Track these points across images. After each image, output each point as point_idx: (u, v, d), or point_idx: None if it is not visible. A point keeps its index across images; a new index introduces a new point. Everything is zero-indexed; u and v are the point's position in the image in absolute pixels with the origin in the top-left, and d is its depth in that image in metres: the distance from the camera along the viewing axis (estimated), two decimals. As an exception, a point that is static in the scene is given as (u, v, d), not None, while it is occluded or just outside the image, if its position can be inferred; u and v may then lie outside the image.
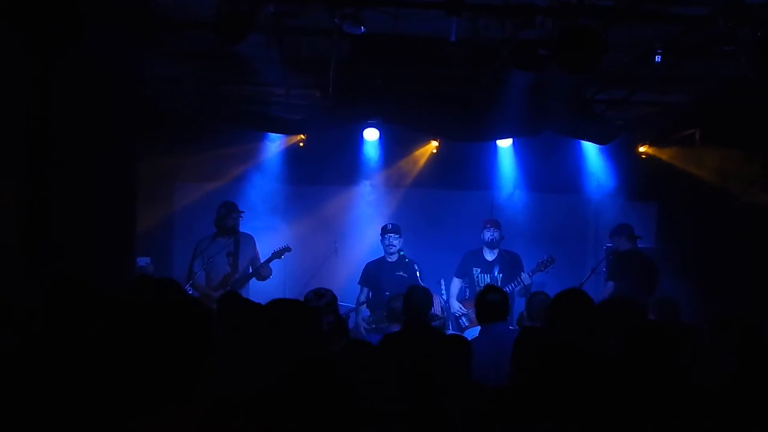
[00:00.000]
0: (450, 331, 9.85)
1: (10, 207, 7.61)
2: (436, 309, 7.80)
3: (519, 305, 9.31)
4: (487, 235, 10.06)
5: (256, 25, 7.30)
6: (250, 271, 9.74)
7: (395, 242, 9.69)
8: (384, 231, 9.82)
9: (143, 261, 10.01)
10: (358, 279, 9.79)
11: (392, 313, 7.25)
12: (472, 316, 9.51)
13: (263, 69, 8.87)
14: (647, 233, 10.92)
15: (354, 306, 9.43)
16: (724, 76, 8.61)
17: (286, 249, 9.78)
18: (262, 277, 9.72)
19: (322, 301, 6.10)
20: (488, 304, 6.38)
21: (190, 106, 9.77)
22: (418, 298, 6.88)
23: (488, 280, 9.84)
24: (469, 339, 7.15)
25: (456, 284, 10.13)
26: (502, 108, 9.44)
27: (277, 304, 4.45)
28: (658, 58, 8.08)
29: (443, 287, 10.09)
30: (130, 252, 8.91)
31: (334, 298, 6.21)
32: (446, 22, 7.24)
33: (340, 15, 7.08)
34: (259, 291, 9.57)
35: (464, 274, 10.15)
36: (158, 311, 2.75)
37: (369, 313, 9.20)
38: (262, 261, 9.74)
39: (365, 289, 9.60)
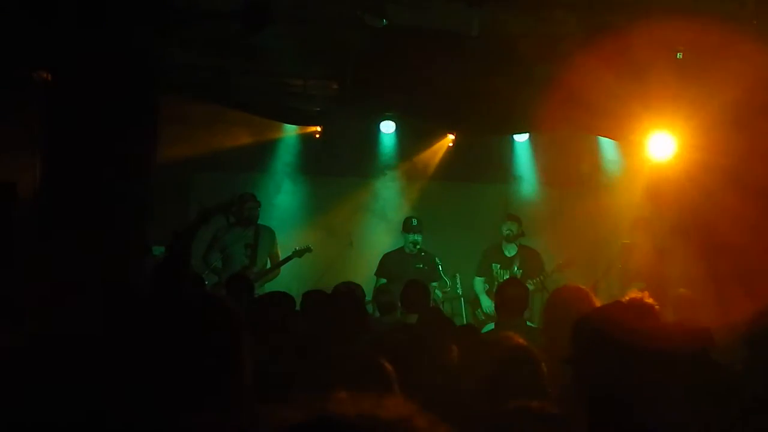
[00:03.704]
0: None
1: (27, 197, 7.63)
2: None
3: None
4: (504, 228, 10.03)
5: (276, 15, 7.29)
6: (269, 266, 9.72)
7: (419, 239, 9.68)
8: (410, 228, 9.75)
9: (158, 250, 10.00)
10: (375, 270, 9.78)
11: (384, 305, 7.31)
12: (492, 313, 9.49)
13: (281, 60, 8.83)
14: (663, 229, 10.85)
15: (370, 298, 9.40)
16: (746, 72, 8.54)
17: (307, 249, 9.76)
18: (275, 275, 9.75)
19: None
20: (509, 298, 6.28)
21: (208, 95, 9.74)
22: (417, 292, 6.91)
23: (508, 276, 9.80)
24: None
25: (479, 283, 10.09)
26: (520, 102, 9.38)
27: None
28: (679, 55, 8.05)
29: (458, 282, 10.08)
30: (145, 242, 8.89)
31: (363, 293, 6.22)
32: (468, 15, 7.21)
33: (362, 7, 7.06)
34: (272, 282, 9.58)
35: (485, 271, 10.10)
36: (183, 309, 2.72)
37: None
38: (281, 257, 9.74)
39: (382, 281, 9.57)
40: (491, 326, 7.85)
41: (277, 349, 4.91)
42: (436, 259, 9.51)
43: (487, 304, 9.86)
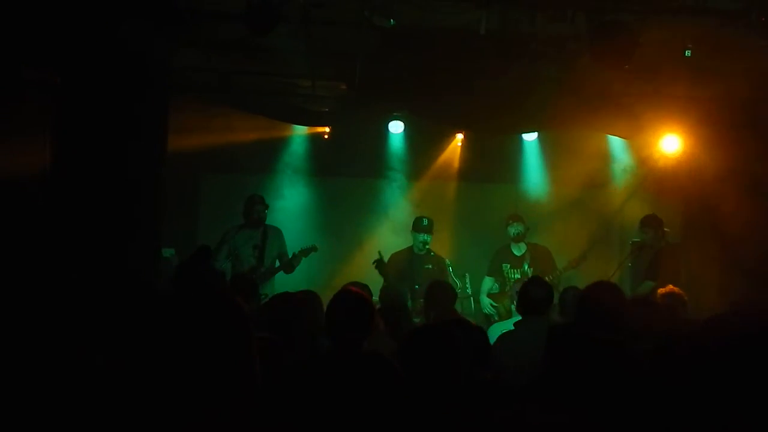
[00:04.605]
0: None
1: (36, 200, 7.65)
2: None
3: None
4: (512, 230, 10.07)
5: (284, 16, 7.30)
6: (277, 265, 9.76)
7: (429, 240, 9.74)
8: (420, 228, 9.80)
9: (168, 252, 10.03)
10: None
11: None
12: (501, 310, 9.53)
13: (290, 61, 8.84)
14: (673, 228, 10.84)
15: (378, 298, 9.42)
16: (758, 70, 8.52)
17: (313, 248, 9.84)
18: (290, 268, 9.78)
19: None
20: (532, 298, 6.25)
21: (216, 97, 9.76)
22: (442, 292, 6.90)
23: (519, 276, 9.83)
24: (501, 331, 7.18)
25: (487, 282, 10.13)
26: (529, 101, 9.39)
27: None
28: (688, 53, 8.02)
29: (468, 281, 10.10)
30: (156, 243, 8.92)
31: (371, 292, 6.20)
32: (476, 14, 7.21)
33: (369, 7, 7.05)
34: (284, 284, 9.59)
35: (495, 271, 10.14)
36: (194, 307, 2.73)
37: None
38: (289, 256, 9.78)
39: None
40: (501, 324, 7.87)
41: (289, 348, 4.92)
42: (447, 261, 9.56)
43: (486, 303, 9.89)
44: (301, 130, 11.36)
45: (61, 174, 7.88)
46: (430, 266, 9.62)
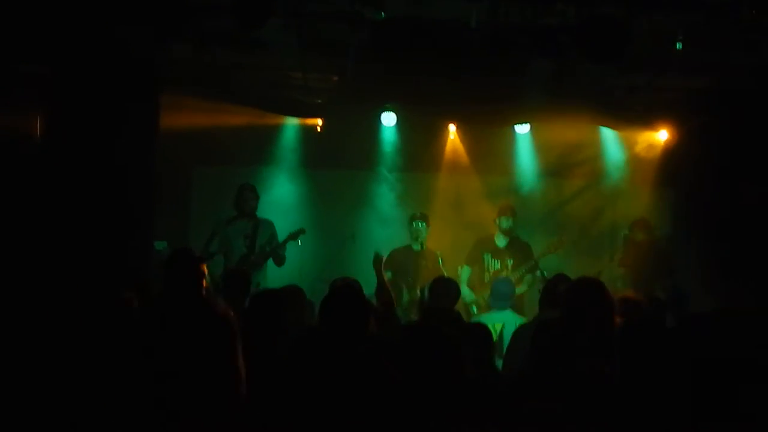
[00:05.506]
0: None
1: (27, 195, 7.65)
2: None
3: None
4: (504, 221, 10.09)
5: (275, 9, 7.29)
6: (268, 249, 9.77)
7: (421, 227, 9.79)
8: (411, 218, 9.93)
9: (160, 245, 10.02)
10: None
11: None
12: (482, 302, 9.55)
13: (282, 53, 8.84)
14: (665, 220, 10.87)
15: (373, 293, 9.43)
16: (748, 63, 8.55)
17: (301, 231, 9.84)
18: (279, 257, 9.75)
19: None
20: (556, 293, 6.22)
21: (208, 90, 9.74)
22: (445, 289, 6.93)
23: (498, 266, 9.88)
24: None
25: (466, 272, 10.14)
26: (521, 93, 9.41)
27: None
28: (679, 45, 8.04)
29: (460, 274, 10.12)
30: (148, 236, 8.92)
31: (361, 287, 6.19)
32: (467, 7, 7.22)
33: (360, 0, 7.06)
34: (276, 277, 9.61)
35: (474, 261, 10.15)
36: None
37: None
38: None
39: (387, 274, 9.60)
40: (481, 317, 7.96)
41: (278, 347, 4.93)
42: (437, 253, 9.62)
43: (466, 292, 9.86)
44: (293, 122, 11.34)
45: (52, 166, 7.88)
46: (424, 263, 9.69)
